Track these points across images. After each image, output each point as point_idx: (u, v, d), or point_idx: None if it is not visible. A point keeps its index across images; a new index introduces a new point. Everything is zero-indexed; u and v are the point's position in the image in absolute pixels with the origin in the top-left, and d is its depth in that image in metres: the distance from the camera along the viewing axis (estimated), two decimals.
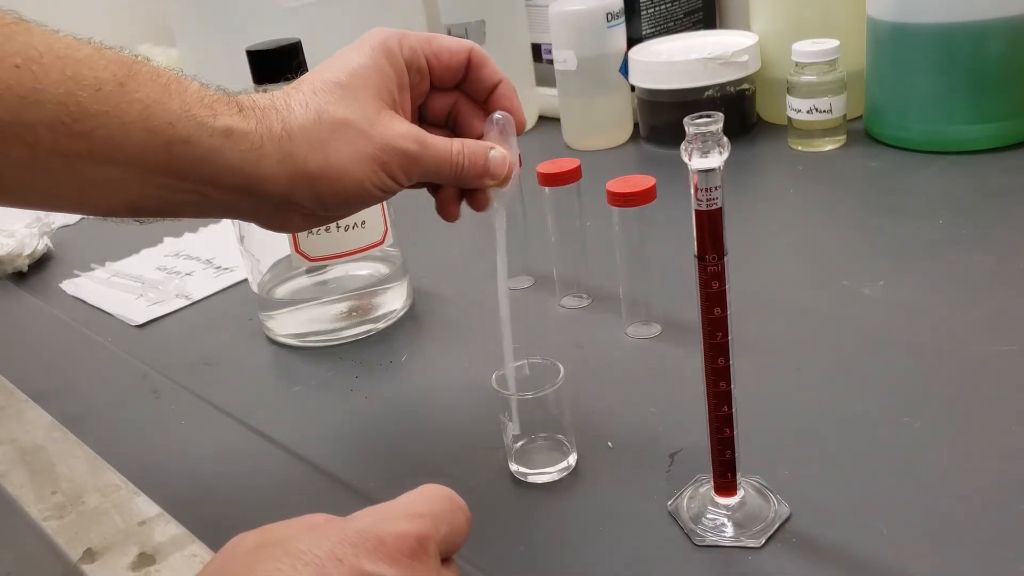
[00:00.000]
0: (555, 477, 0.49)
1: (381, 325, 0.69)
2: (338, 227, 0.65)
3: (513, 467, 0.50)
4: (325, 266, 0.68)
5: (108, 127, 0.39)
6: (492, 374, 0.50)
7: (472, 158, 0.47)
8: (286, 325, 0.69)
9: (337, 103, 0.43)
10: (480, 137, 0.50)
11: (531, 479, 0.49)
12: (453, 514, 0.34)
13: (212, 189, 0.42)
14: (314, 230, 0.64)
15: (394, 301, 0.70)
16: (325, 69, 0.46)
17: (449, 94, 0.50)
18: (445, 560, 0.33)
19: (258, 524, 0.50)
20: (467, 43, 0.49)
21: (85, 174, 0.39)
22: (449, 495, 0.35)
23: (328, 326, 0.68)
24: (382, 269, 0.70)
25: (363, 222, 0.65)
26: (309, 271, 0.69)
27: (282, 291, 0.70)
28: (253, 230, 0.68)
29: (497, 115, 0.49)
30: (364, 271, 0.70)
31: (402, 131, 0.44)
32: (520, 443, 0.50)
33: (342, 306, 0.69)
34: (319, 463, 0.54)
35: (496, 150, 0.48)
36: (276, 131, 0.42)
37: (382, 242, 0.67)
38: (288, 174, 0.42)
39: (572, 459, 0.50)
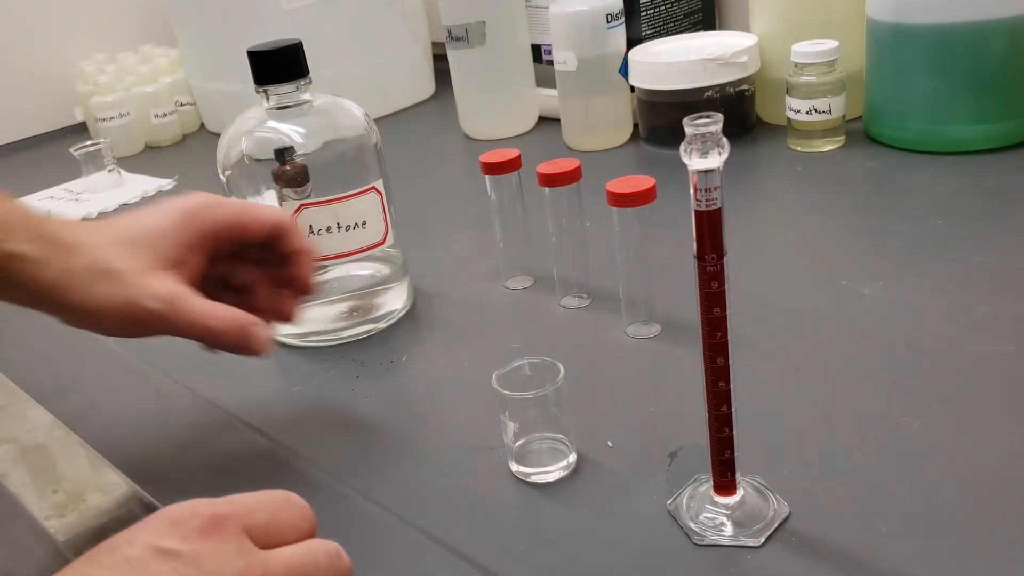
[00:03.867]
0: (555, 477, 0.49)
1: (382, 325, 0.69)
2: (339, 227, 0.65)
3: (513, 467, 0.50)
4: (326, 266, 0.68)
5: None
6: (493, 374, 0.50)
7: (229, 328, 0.50)
8: (287, 325, 0.69)
9: (116, 256, 0.50)
10: (276, 306, 0.55)
11: (531, 479, 0.49)
12: (279, 507, 0.35)
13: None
14: (315, 230, 0.64)
15: (395, 301, 0.70)
16: (127, 220, 0.52)
17: (249, 267, 0.56)
18: (271, 547, 0.34)
19: None
20: (274, 215, 0.54)
21: None
22: (283, 494, 0.37)
23: (329, 326, 0.68)
24: (383, 269, 0.70)
25: (364, 222, 0.66)
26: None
27: None
28: None
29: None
30: (365, 271, 0.70)
31: (157, 291, 0.49)
32: (520, 442, 0.50)
33: (343, 306, 0.69)
34: (318, 462, 0.54)
35: (259, 328, 0.51)
36: (57, 268, 0.49)
37: (383, 242, 0.67)
38: (56, 302, 0.49)
39: (572, 458, 0.50)
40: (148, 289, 0.49)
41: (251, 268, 0.56)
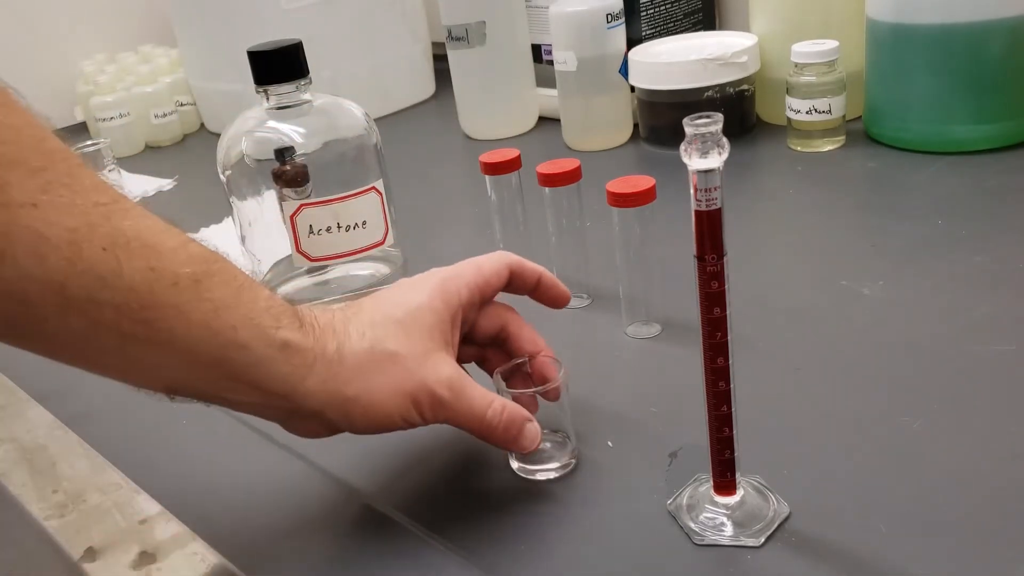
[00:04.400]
0: (555, 474, 0.49)
1: None
2: (339, 227, 0.65)
3: (514, 464, 0.50)
4: (326, 266, 0.68)
5: (173, 320, 0.40)
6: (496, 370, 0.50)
7: (507, 425, 0.47)
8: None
9: (392, 338, 0.45)
10: (526, 349, 0.51)
11: (532, 476, 0.50)
12: None
13: (251, 390, 0.43)
14: (315, 230, 0.64)
15: None
16: (385, 303, 0.48)
17: (497, 310, 0.52)
18: None
19: (258, 523, 0.50)
20: (507, 259, 0.51)
21: (135, 354, 0.41)
22: None
23: None
24: (383, 269, 0.70)
25: (364, 222, 0.66)
26: (310, 271, 0.69)
27: (283, 291, 0.70)
28: (255, 231, 0.68)
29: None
30: (365, 271, 0.70)
31: (443, 376, 0.46)
32: None
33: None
34: (319, 462, 0.54)
35: (533, 424, 0.48)
36: (330, 352, 0.44)
37: (383, 242, 0.67)
38: (328, 393, 0.44)
39: (573, 455, 0.50)
40: (437, 374, 0.46)
41: (500, 314, 0.53)
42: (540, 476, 0.49)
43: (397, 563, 0.45)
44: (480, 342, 0.52)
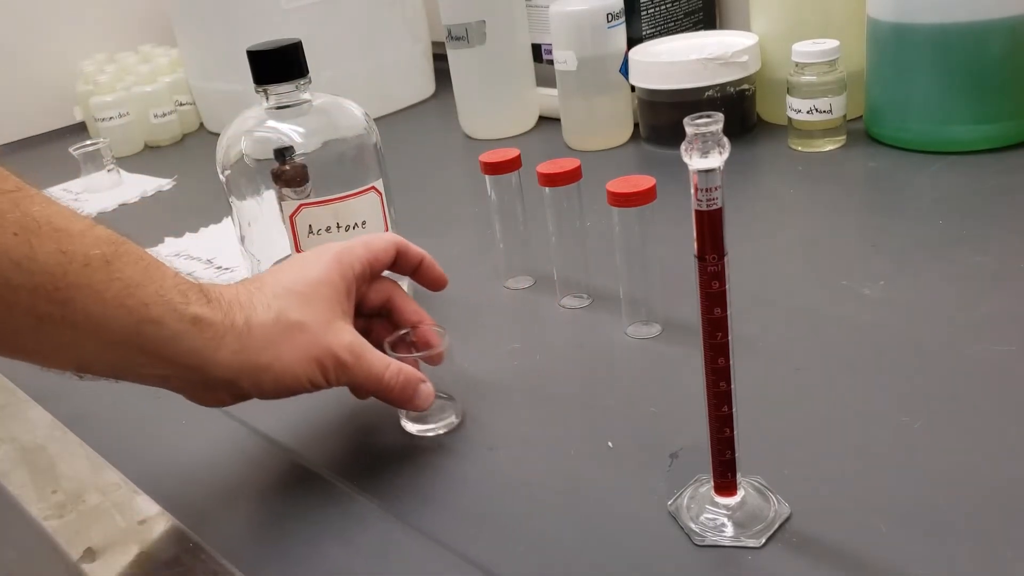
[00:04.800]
0: (443, 430, 0.54)
1: None
2: (339, 227, 0.65)
3: (405, 424, 0.55)
4: None
5: (88, 299, 0.42)
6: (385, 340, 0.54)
7: (403, 385, 0.52)
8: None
9: (296, 309, 0.49)
10: (410, 320, 0.56)
11: (424, 434, 0.55)
12: None
13: (164, 364, 0.45)
14: (315, 230, 0.64)
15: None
16: (285, 277, 0.51)
17: (383, 284, 0.57)
18: None
19: (258, 523, 0.50)
20: (394, 239, 0.56)
21: (50, 335, 0.42)
22: None
23: None
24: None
25: (364, 222, 0.65)
26: None
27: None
28: (254, 231, 0.68)
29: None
30: None
31: (346, 342, 0.50)
32: None
33: None
34: (318, 462, 0.54)
35: (427, 385, 0.53)
36: (239, 324, 0.47)
37: None
38: (241, 363, 0.47)
39: (456, 417, 0.55)
40: (339, 339, 0.49)
41: (385, 288, 0.57)
42: (430, 434, 0.54)
43: (397, 563, 0.45)
44: (367, 313, 0.56)
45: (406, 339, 0.55)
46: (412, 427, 0.55)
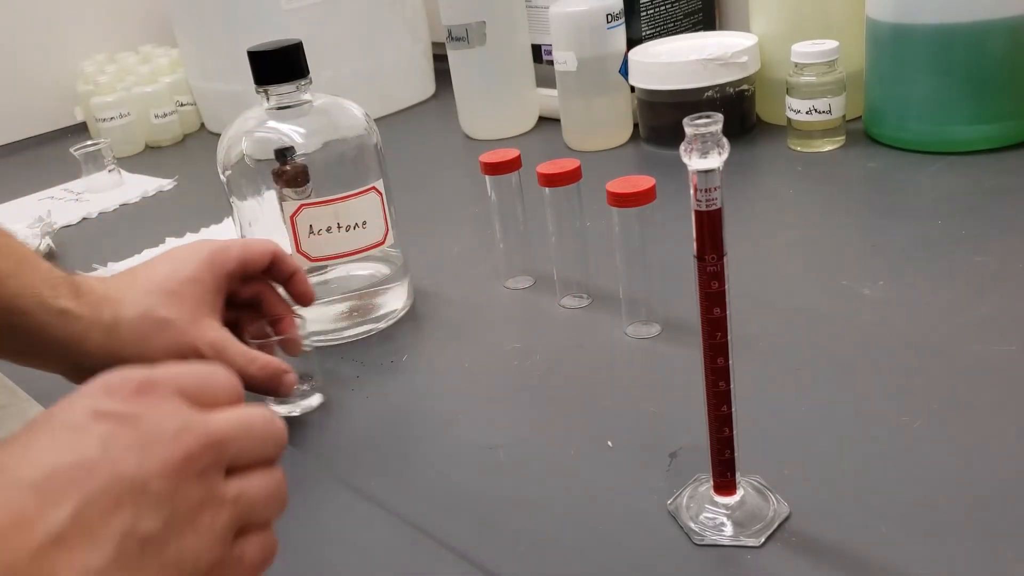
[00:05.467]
0: (298, 412, 0.59)
1: (382, 325, 0.69)
2: (340, 227, 0.65)
3: (272, 406, 0.58)
4: (326, 266, 0.68)
5: None
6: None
7: (268, 376, 0.55)
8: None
9: (163, 306, 0.52)
10: (275, 312, 0.60)
11: (288, 414, 0.59)
12: (208, 374, 0.36)
13: (34, 352, 0.49)
14: (315, 230, 0.64)
15: (395, 301, 0.70)
16: (157, 274, 0.54)
17: (255, 282, 0.60)
18: (207, 406, 0.34)
19: None
20: (272, 247, 0.59)
21: None
22: (212, 366, 0.37)
23: (329, 326, 0.68)
24: (383, 269, 0.70)
25: (364, 222, 0.66)
26: (310, 271, 0.69)
27: (283, 291, 0.70)
28: (255, 231, 0.68)
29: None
30: (365, 271, 0.70)
31: (208, 339, 0.53)
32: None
33: (343, 306, 0.69)
34: (320, 462, 0.54)
35: (290, 375, 0.56)
36: (106, 320, 0.50)
37: (383, 242, 0.67)
38: (106, 356, 0.50)
39: (316, 400, 0.60)
40: (202, 336, 0.53)
41: (259, 285, 0.60)
42: (295, 413, 0.59)
43: (397, 563, 0.45)
44: (238, 304, 0.59)
45: (265, 328, 0.59)
46: (276, 408, 0.59)
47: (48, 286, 0.48)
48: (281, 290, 0.61)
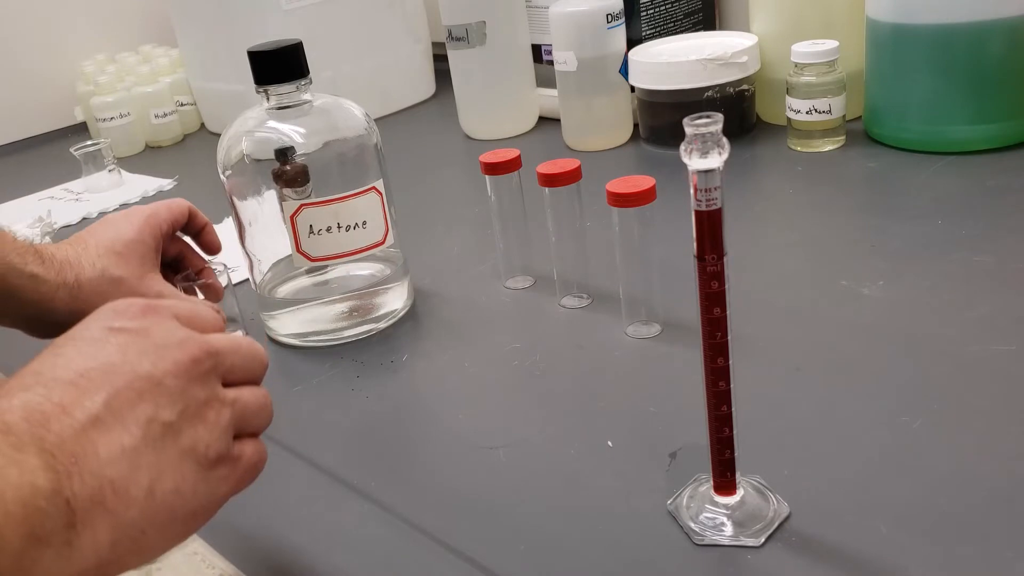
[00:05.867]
0: None
1: (382, 325, 0.69)
2: (340, 227, 0.65)
3: None
4: (326, 266, 0.68)
5: None
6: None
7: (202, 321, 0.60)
8: (287, 325, 0.69)
9: (116, 266, 0.59)
10: (197, 265, 0.67)
11: None
12: (194, 302, 0.42)
13: (11, 312, 0.56)
14: (315, 230, 0.64)
15: (395, 301, 0.70)
16: (104, 238, 0.61)
17: (175, 241, 0.67)
18: (198, 330, 0.39)
19: (258, 521, 0.50)
20: (186, 204, 0.66)
21: None
22: (199, 301, 0.44)
23: (329, 326, 0.68)
24: (383, 269, 0.70)
25: (364, 222, 0.66)
26: (310, 271, 0.69)
27: (283, 291, 0.70)
28: (255, 231, 0.68)
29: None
30: (365, 271, 0.70)
31: (156, 291, 0.60)
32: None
33: (343, 306, 0.69)
34: (319, 462, 0.54)
35: (221, 314, 0.60)
36: (70, 281, 0.57)
37: (383, 242, 0.67)
38: (72, 313, 0.56)
39: (240, 335, 0.63)
40: (149, 291, 0.60)
41: (180, 243, 0.67)
42: None
43: (398, 563, 0.45)
44: (164, 262, 0.65)
45: (191, 278, 0.66)
46: None
47: (17, 254, 0.55)
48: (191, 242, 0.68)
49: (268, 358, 0.42)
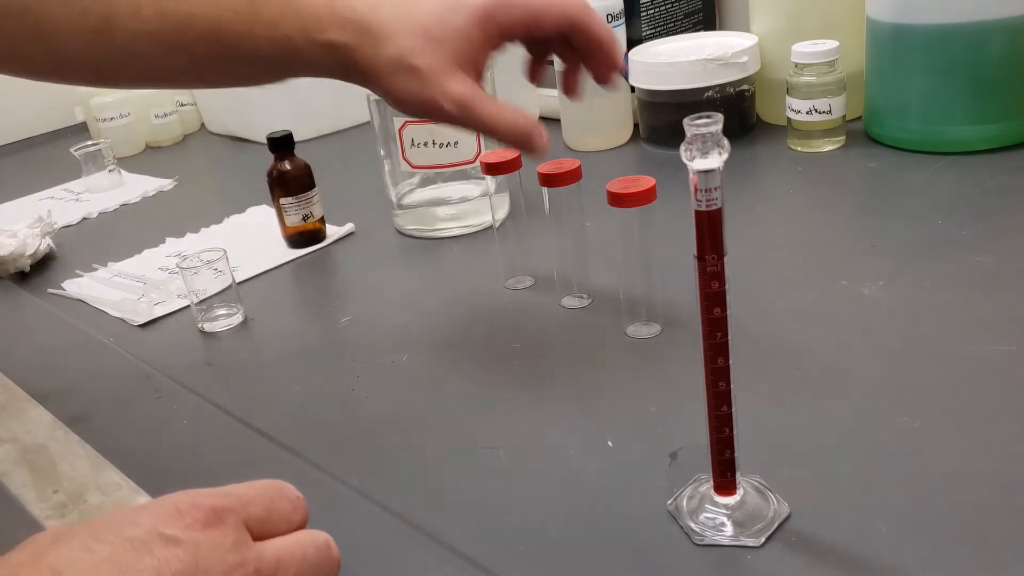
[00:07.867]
0: (221, 328, 0.72)
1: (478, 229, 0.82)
2: (435, 144, 0.76)
3: (201, 325, 0.71)
4: (437, 178, 0.83)
5: (244, 44, 0.53)
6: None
7: (515, 136, 0.54)
8: (408, 221, 0.85)
9: (418, 54, 0.52)
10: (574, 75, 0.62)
11: (209, 331, 0.72)
12: (272, 500, 0.37)
13: (284, 76, 0.56)
14: (416, 143, 0.76)
15: (490, 214, 0.79)
16: (429, 15, 0.53)
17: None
18: (265, 538, 0.35)
19: None
20: (567, 9, 0.55)
21: (217, 69, 0.55)
22: (278, 485, 0.38)
23: (437, 225, 0.82)
24: (473, 190, 0.82)
25: (456, 143, 0.76)
26: (424, 183, 0.84)
27: (409, 198, 0.85)
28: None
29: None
30: (470, 187, 0.83)
31: (455, 93, 0.52)
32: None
33: (450, 210, 0.83)
34: (320, 463, 0.54)
35: (542, 136, 0.54)
36: (368, 55, 0.52)
37: (473, 161, 0.78)
38: (363, 83, 0.54)
39: (240, 317, 0.72)
40: (447, 92, 0.52)
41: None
42: (218, 330, 0.71)
43: (398, 563, 0.45)
44: (540, 39, 0.59)
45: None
46: (205, 326, 0.72)
47: (315, 20, 0.52)
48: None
49: (339, 561, 0.38)
